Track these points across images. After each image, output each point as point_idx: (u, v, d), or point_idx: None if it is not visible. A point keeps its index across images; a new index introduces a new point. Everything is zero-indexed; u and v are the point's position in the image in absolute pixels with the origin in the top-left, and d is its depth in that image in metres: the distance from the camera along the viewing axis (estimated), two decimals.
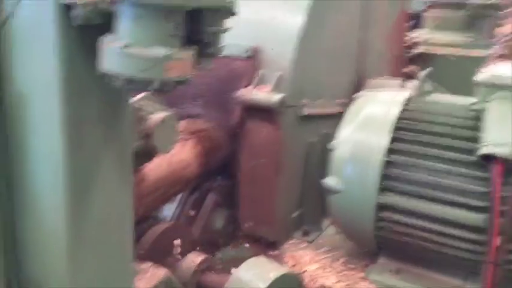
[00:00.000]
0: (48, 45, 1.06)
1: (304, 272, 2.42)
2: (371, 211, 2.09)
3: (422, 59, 4.19)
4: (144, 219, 2.44)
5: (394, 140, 2.08)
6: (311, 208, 2.84)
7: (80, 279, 1.26)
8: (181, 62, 1.03)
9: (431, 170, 1.99)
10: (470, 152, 1.91)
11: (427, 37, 4.42)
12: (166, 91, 1.05)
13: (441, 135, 2.03)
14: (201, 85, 2.66)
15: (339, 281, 2.36)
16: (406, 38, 4.23)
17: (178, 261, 2.26)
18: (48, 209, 1.19)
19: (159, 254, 2.24)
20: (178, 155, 2.54)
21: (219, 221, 2.86)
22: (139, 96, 1.67)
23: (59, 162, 1.15)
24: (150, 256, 2.16)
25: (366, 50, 3.31)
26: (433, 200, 1.98)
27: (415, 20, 4.67)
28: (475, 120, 1.97)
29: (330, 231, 2.90)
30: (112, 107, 1.21)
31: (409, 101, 2.20)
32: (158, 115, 1.90)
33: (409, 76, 3.62)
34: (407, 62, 4.18)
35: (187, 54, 1.05)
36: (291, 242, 2.76)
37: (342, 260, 2.57)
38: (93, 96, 1.16)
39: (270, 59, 2.51)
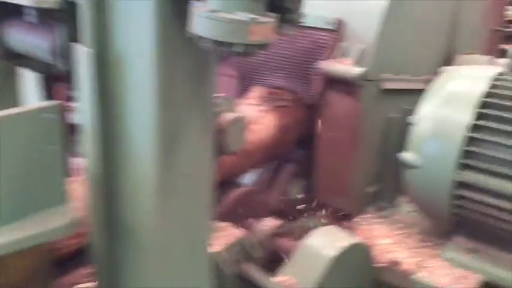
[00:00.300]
0: (145, 10, 1.18)
1: (375, 245, 2.44)
2: (449, 188, 2.06)
3: None
4: (226, 184, 2.59)
5: (478, 116, 2.02)
6: (388, 184, 2.82)
7: (166, 225, 1.40)
8: (264, 26, 1.10)
9: None
10: None
11: None
12: (249, 54, 1.13)
13: None
14: (284, 56, 2.72)
15: (409, 257, 2.36)
16: (506, 12, 3.97)
17: (254, 224, 2.38)
18: (141, 160, 1.33)
19: (237, 216, 2.37)
20: (257, 128, 2.64)
21: (296, 191, 2.94)
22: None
23: (152, 117, 1.27)
24: (229, 217, 2.30)
25: (458, 24, 3.17)
26: None
27: None
28: None
29: (405, 209, 2.87)
30: (199, 70, 1.32)
31: (497, 77, 2.12)
32: (231, 114, 2.02)
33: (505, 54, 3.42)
34: (506, 39, 3.94)
35: (270, 20, 1.12)
36: (365, 215, 2.78)
37: (415, 237, 2.55)
38: (184, 59, 1.26)
39: (353, 32, 2.51)
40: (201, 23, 1.09)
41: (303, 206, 2.92)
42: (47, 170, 1.22)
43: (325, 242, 2.13)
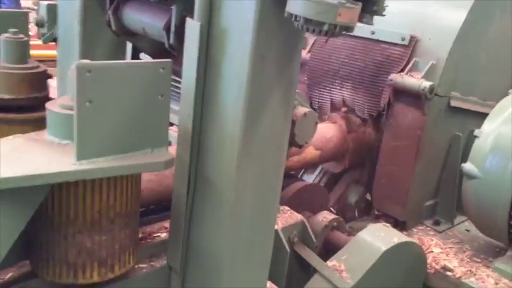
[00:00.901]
0: None
1: (428, 252, 2.53)
2: (507, 202, 2.13)
3: None
4: (290, 177, 2.77)
5: None
6: (446, 200, 2.90)
7: (242, 181, 1.59)
8: (350, 10, 1.30)
9: None
10: None
11: None
12: (335, 34, 1.33)
13: None
14: (355, 67, 2.90)
15: (460, 266, 2.43)
16: None
17: (312, 215, 2.54)
18: (228, 120, 1.54)
19: (297, 206, 2.54)
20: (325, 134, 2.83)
21: (353, 196, 3.08)
22: None
23: (243, 86, 1.49)
24: (289, 205, 2.48)
25: None
26: None
27: None
28: None
29: (461, 227, 2.93)
30: (288, 50, 1.52)
31: None
32: (303, 108, 2.21)
33: None
34: None
35: (356, 6, 1.31)
36: (420, 227, 2.87)
37: (468, 252, 2.62)
38: (277, 39, 1.48)
39: (426, 48, 2.66)
40: (297, 3, 1.30)
41: (358, 211, 3.05)
42: (155, 116, 1.46)
43: (378, 236, 2.25)
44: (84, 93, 1.31)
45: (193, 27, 1.53)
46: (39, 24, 2.34)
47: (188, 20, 1.55)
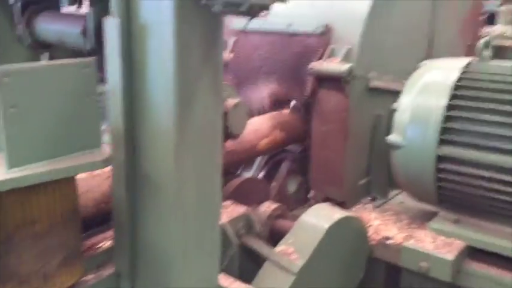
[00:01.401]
0: None
1: (369, 226, 2.64)
2: (432, 163, 2.28)
3: (499, 53, 4.24)
4: (227, 174, 2.80)
5: (453, 97, 2.27)
6: (378, 177, 3.05)
7: (181, 174, 1.60)
8: None
9: (488, 122, 2.16)
10: None
11: (501, 30, 4.45)
12: (252, 14, 1.38)
13: (498, 91, 2.19)
14: (277, 61, 3.00)
15: (399, 233, 2.56)
16: (481, 30, 4.31)
17: (255, 208, 2.58)
18: (160, 114, 1.55)
19: (239, 201, 2.57)
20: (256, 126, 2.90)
21: (292, 186, 3.16)
22: None
23: (170, 77, 1.50)
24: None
25: (436, 35, 3.49)
26: (490, 149, 2.14)
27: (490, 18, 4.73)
28: None
29: (396, 200, 3.09)
30: (210, 35, 1.56)
31: (467, 65, 2.39)
32: (233, 100, 2.27)
33: None
34: None
35: None
36: (358, 206, 2.98)
37: (405, 221, 2.76)
38: (197, 25, 1.51)
39: (339, 35, 2.80)
40: None
41: (299, 200, 3.12)
42: (84, 117, 1.44)
43: (320, 215, 2.34)
44: (7, 98, 1.27)
45: (112, 24, 1.53)
46: None
47: (106, 18, 1.55)
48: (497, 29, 4.57)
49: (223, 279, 1.90)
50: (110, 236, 1.93)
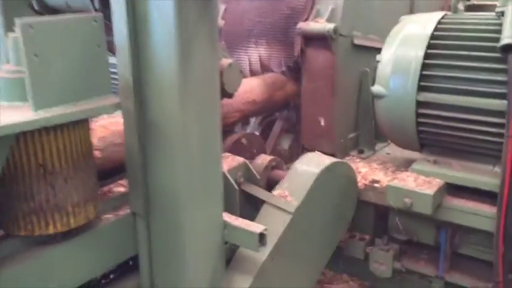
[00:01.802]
0: None
1: (357, 173, 2.85)
2: (412, 109, 2.49)
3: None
4: (224, 132, 2.98)
5: (430, 47, 2.47)
6: (366, 130, 3.26)
7: (186, 120, 1.79)
8: None
9: (462, 68, 2.36)
10: (494, 49, 2.27)
11: None
12: None
13: (470, 38, 2.39)
14: (266, 24, 3.17)
15: (385, 177, 2.78)
16: None
17: (252, 160, 2.78)
18: (164, 66, 1.73)
19: (237, 155, 2.76)
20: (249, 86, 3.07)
21: (285, 143, 3.36)
22: None
23: (172, 29, 1.68)
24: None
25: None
26: (465, 92, 2.35)
27: None
28: (497, 24, 2.32)
29: (382, 152, 3.31)
30: None
31: (443, 18, 2.58)
32: (226, 60, 2.44)
33: None
34: None
35: None
36: (347, 158, 3.20)
37: (391, 168, 2.98)
38: None
39: None
40: None
41: (292, 155, 3.33)
42: (95, 65, 1.62)
43: (312, 162, 2.54)
44: (31, 47, 1.45)
45: None
46: None
47: None
48: None
49: (227, 217, 2.11)
50: (122, 184, 2.14)
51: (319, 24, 2.90)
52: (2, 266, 1.62)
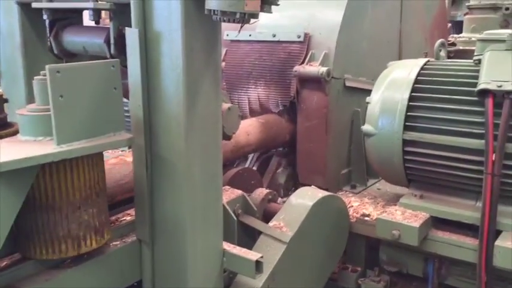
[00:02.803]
0: None
1: (349, 207, 3.02)
2: (399, 147, 2.68)
3: (461, 56, 4.71)
4: (224, 166, 3.16)
5: (414, 90, 2.68)
6: (358, 167, 3.45)
7: (189, 152, 1.97)
8: (254, 1, 1.75)
9: (443, 109, 2.57)
10: (472, 93, 2.48)
11: (466, 36, 4.93)
12: (245, 21, 1.77)
13: (451, 83, 2.61)
14: (264, 67, 3.40)
15: (375, 211, 2.95)
16: (446, 36, 4.78)
17: (249, 193, 2.94)
18: (173, 103, 1.92)
19: (235, 187, 2.93)
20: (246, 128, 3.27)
21: (282, 178, 3.53)
22: None
23: (180, 74, 1.89)
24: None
25: (404, 43, 3.93)
26: (446, 132, 2.55)
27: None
28: (475, 70, 2.54)
29: (373, 187, 3.49)
30: (210, 40, 1.95)
31: (427, 63, 2.81)
32: (226, 104, 2.65)
33: None
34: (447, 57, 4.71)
35: None
36: (340, 192, 3.37)
37: (381, 203, 3.16)
38: (200, 31, 1.90)
39: (318, 41, 3.22)
40: (213, 0, 1.74)
41: (287, 190, 3.50)
42: (112, 105, 1.81)
43: (306, 195, 2.71)
44: (57, 89, 1.64)
45: (132, 33, 1.91)
46: None
47: (127, 29, 1.93)
48: (462, 35, 5.06)
49: (226, 245, 2.26)
50: (129, 214, 2.30)
51: (313, 68, 3.13)
52: (20, 287, 1.77)
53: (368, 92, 3.23)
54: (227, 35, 3.53)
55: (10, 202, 1.58)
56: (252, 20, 1.81)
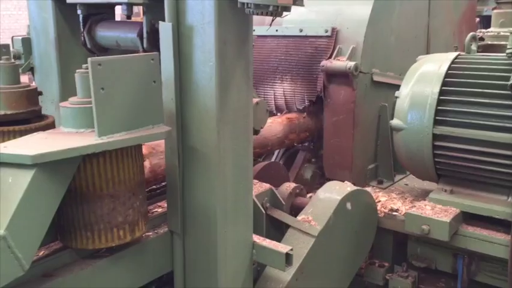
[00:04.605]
0: None
1: (377, 202, 3.01)
2: (429, 141, 2.66)
3: (489, 50, 4.62)
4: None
5: (445, 84, 2.66)
6: (385, 162, 3.43)
7: (221, 145, 1.99)
8: None
9: (475, 103, 2.54)
10: (504, 87, 2.45)
11: (495, 31, 4.83)
12: (277, 14, 1.78)
13: (482, 77, 2.57)
14: (291, 62, 3.40)
15: (403, 205, 2.93)
16: (475, 31, 4.70)
17: (276, 187, 2.96)
18: (205, 96, 1.94)
19: (263, 181, 2.95)
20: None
21: (308, 173, 3.54)
22: None
23: (213, 67, 1.90)
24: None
25: (432, 37, 3.89)
26: (478, 126, 2.52)
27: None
28: (508, 64, 2.51)
29: (401, 183, 3.46)
30: (242, 33, 1.97)
31: (457, 57, 2.78)
32: (254, 99, 2.65)
33: None
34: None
35: None
36: (367, 188, 3.35)
37: (409, 198, 3.13)
38: (233, 24, 1.91)
39: (345, 36, 3.21)
40: None
41: (314, 185, 3.49)
42: (151, 98, 1.84)
43: (334, 189, 2.71)
44: (98, 82, 1.68)
45: (166, 27, 1.94)
46: (16, 56, 2.65)
47: (161, 23, 1.96)
48: (491, 30, 4.97)
49: (256, 238, 2.28)
50: (160, 206, 2.34)
51: (341, 62, 3.12)
52: (57, 275, 1.82)
53: (395, 87, 3.21)
54: (254, 30, 3.53)
55: (52, 193, 1.62)
56: (284, 13, 1.82)
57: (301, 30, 3.33)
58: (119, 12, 3.26)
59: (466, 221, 2.67)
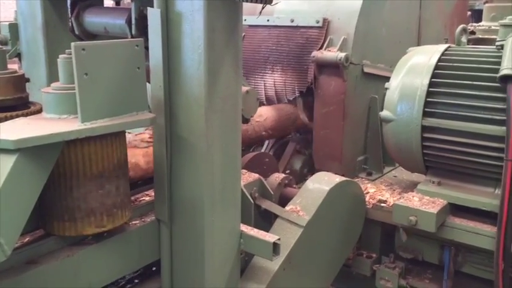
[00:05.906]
0: None
1: (365, 193, 3.02)
2: (418, 133, 2.66)
3: (480, 44, 4.64)
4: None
5: (434, 76, 2.66)
6: (374, 154, 3.43)
7: (210, 134, 1.98)
8: None
9: (464, 95, 2.55)
10: (493, 79, 2.45)
11: (486, 25, 4.85)
12: (267, 1, 1.77)
13: (472, 69, 2.58)
14: (282, 52, 3.39)
15: (392, 197, 2.94)
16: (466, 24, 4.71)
17: (265, 178, 2.95)
18: (193, 84, 1.92)
19: (252, 171, 2.94)
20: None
21: (297, 164, 3.54)
22: None
23: (201, 54, 1.88)
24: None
25: (423, 30, 3.89)
26: (466, 118, 2.53)
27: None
28: (497, 56, 2.51)
29: (390, 175, 3.48)
30: (231, 21, 1.95)
31: (447, 49, 2.78)
32: (244, 88, 2.64)
33: None
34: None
35: None
36: (356, 179, 3.36)
37: (397, 190, 3.15)
38: (222, 12, 1.89)
39: (336, 27, 3.20)
40: None
41: (303, 176, 3.50)
42: (135, 84, 1.82)
43: (323, 180, 2.71)
44: (81, 67, 1.65)
45: (154, 14, 1.91)
46: (2, 42, 2.61)
47: (149, 9, 1.93)
48: (482, 24, 4.98)
49: (243, 227, 2.27)
50: (148, 194, 2.32)
51: (331, 53, 3.12)
52: (41, 262, 1.80)
53: (386, 78, 3.20)
54: (245, 19, 3.52)
55: (35, 178, 1.60)
56: (274, 1, 1.81)
57: (292, 21, 3.31)
58: None
59: (453, 213, 2.68)
